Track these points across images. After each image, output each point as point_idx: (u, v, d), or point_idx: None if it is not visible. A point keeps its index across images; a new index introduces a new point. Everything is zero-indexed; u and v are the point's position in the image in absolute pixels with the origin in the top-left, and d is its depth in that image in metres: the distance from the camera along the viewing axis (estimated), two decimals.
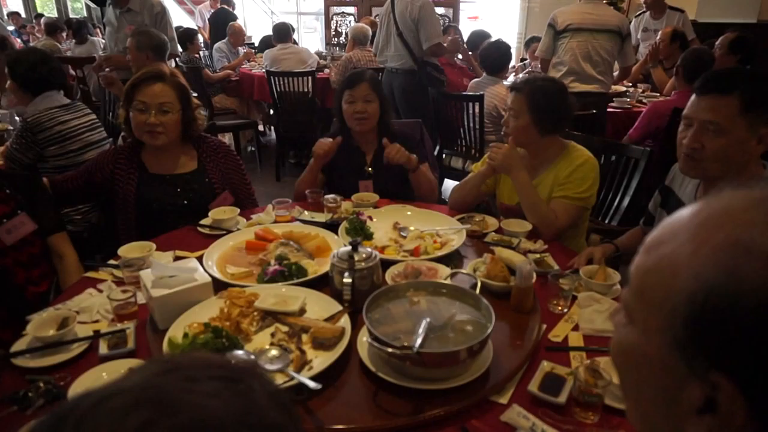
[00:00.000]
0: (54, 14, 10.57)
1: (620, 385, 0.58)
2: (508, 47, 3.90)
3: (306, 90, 4.73)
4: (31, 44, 7.24)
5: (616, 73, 3.90)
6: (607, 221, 2.42)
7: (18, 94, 2.67)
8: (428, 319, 1.18)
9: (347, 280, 1.31)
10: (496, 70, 3.85)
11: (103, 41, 6.25)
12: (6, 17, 9.38)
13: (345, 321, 1.27)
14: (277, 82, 4.69)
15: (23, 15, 10.28)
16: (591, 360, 1.16)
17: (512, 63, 4.92)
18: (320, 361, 1.16)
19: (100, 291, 1.53)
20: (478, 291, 1.28)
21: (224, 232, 1.85)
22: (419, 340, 1.09)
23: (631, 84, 4.65)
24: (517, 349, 1.28)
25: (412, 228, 1.80)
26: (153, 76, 2.01)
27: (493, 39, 4.72)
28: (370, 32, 5.35)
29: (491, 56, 3.86)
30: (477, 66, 4.76)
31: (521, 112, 1.90)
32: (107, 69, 3.73)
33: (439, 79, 4.07)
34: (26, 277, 1.73)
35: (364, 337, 1.19)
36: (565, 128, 1.98)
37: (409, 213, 1.94)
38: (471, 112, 3.57)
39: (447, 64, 4.53)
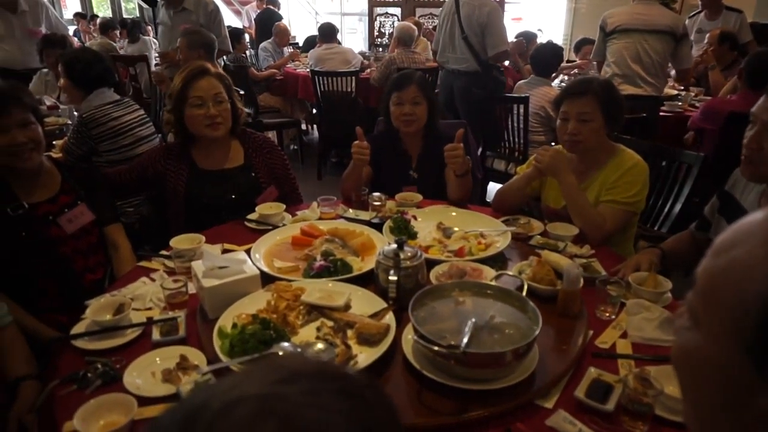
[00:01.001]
0: (109, 14, 10.99)
1: (680, 391, 0.57)
2: (560, 49, 3.87)
3: (349, 90, 4.77)
4: (87, 43, 7.54)
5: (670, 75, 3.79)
6: (656, 228, 2.35)
7: (71, 91, 2.78)
8: (474, 320, 1.17)
9: (393, 278, 1.32)
10: (545, 72, 3.81)
11: (155, 40, 6.47)
12: (71, 18, 9.81)
13: (390, 318, 1.28)
14: (321, 82, 4.75)
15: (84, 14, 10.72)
16: (641, 368, 1.14)
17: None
18: (365, 356, 1.17)
19: (153, 280, 1.59)
20: (524, 293, 1.26)
21: (270, 227, 1.89)
22: (465, 340, 1.09)
23: (683, 87, 4.50)
24: (562, 353, 1.26)
25: (456, 229, 1.80)
26: (200, 72, 2.06)
27: (542, 41, 4.66)
28: (415, 32, 5.36)
29: (543, 58, 3.81)
30: (523, 67, 4.70)
31: (595, 114, 1.84)
32: (162, 66, 3.86)
33: (502, 81, 4.05)
34: (84, 264, 1.81)
35: (409, 335, 1.20)
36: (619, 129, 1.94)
37: (453, 214, 1.93)
38: (516, 113, 3.53)
39: None
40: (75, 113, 3.40)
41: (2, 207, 1.67)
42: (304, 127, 6.33)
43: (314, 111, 6.00)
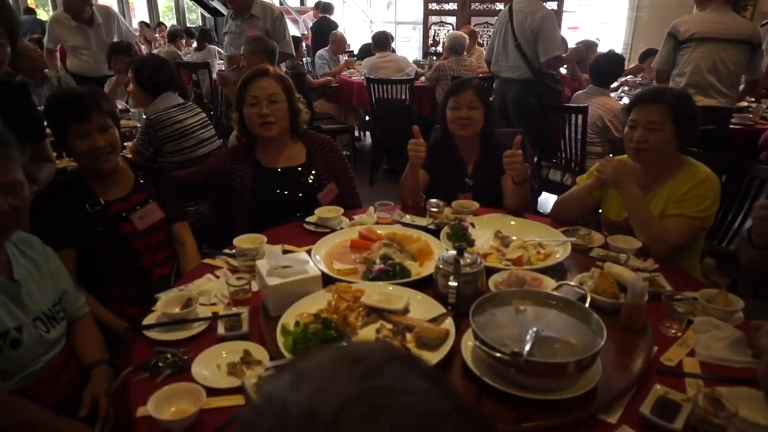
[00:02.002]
0: (173, 23, 11.51)
1: None
2: (621, 59, 3.77)
3: (403, 97, 4.81)
4: (154, 50, 7.91)
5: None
6: (724, 244, 2.25)
7: (139, 95, 2.94)
8: (535, 329, 1.16)
9: (453, 283, 1.33)
10: (605, 82, 3.72)
11: (219, 49, 6.72)
12: (136, 26, 10.34)
13: (449, 323, 1.28)
14: (376, 89, 4.81)
15: (148, 23, 11.28)
16: (711, 389, 1.09)
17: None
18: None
19: (217, 277, 1.65)
20: (587, 305, 1.24)
21: (328, 230, 1.93)
22: (527, 348, 1.08)
23: (753, 99, 4.29)
24: (625, 368, 1.23)
25: (514, 237, 1.78)
26: (259, 73, 2.17)
27: (602, 50, 4.56)
28: (466, 41, 5.36)
29: (602, 67, 3.73)
30: (581, 76, 4.61)
31: (665, 124, 1.78)
32: (228, 69, 4.00)
33: (556, 89, 3.99)
34: (152, 260, 1.90)
35: (469, 341, 1.20)
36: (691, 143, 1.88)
37: (512, 223, 1.92)
38: (573, 123, 3.47)
39: None
40: (143, 116, 3.59)
41: (82, 203, 1.78)
42: (356, 133, 6.41)
43: (367, 118, 6.08)
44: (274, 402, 0.40)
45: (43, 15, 10.39)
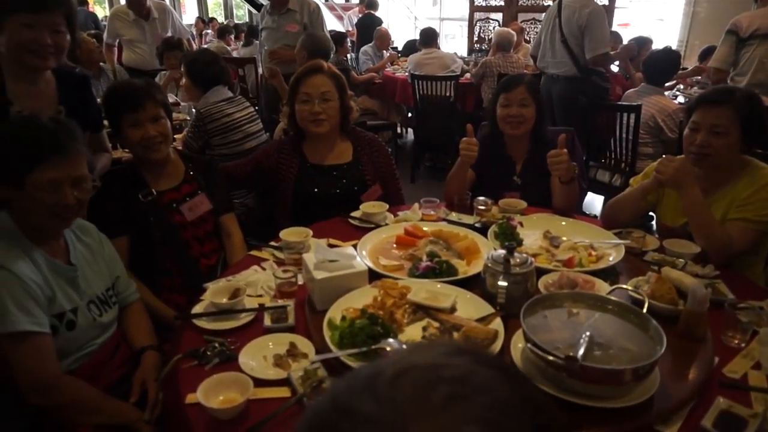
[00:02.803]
0: (222, 19, 11.77)
1: None
2: (677, 56, 3.61)
3: (448, 94, 4.77)
4: (204, 45, 8.10)
5: None
6: None
7: (190, 89, 3.00)
8: (588, 333, 1.12)
9: (503, 283, 1.30)
10: (659, 80, 3.58)
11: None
12: (192, 22, 10.64)
13: (497, 324, 1.25)
14: (420, 86, 4.78)
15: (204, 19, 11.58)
16: None
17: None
18: None
19: (263, 269, 1.66)
20: (645, 310, 1.19)
21: (373, 225, 1.92)
22: (581, 352, 1.04)
23: None
24: (684, 378, 1.17)
25: (564, 238, 1.73)
26: (313, 69, 2.16)
27: (656, 47, 4.39)
28: (513, 38, 5.26)
29: (657, 64, 3.59)
30: (634, 74, 4.45)
31: (731, 128, 1.69)
32: (272, 62, 4.04)
33: (603, 87, 3.87)
34: (200, 250, 1.94)
35: (519, 343, 1.17)
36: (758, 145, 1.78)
37: (563, 223, 1.86)
38: (625, 122, 3.35)
39: None
40: (193, 110, 3.66)
41: (135, 192, 1.83)
42: (398, 130, 6.39)
43: (409, 115, 6.05)
44: (353, 371, 0.45)
45: (100, 12, 10.79)
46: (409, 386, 0.39)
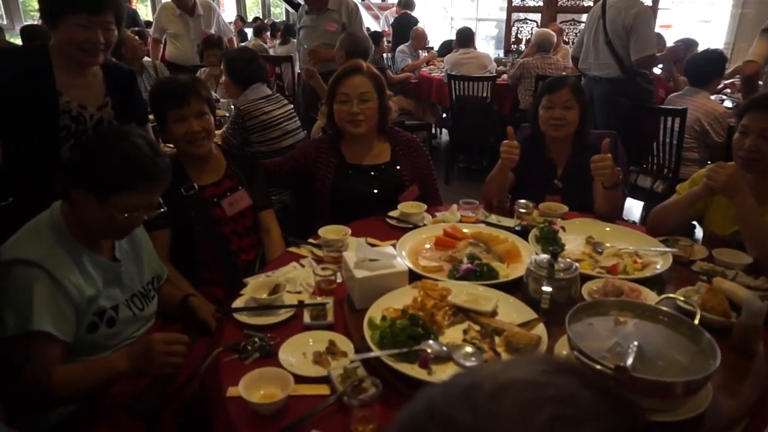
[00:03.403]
0: (259, 17, 11.92)
1: None
2: (721, 57, 3.48)
3: (484, 95, 4.72)
4: (242, 44, 8.22)
5: None
6: None
7: (230, 86, 3.04)
8: (636, 342, 1.09)
9: (546, 288, 1.27)
10: (702, 82, 3.46)
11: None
12: (232, 20, 10.83)
13: (540, 330, 1.23)
14: (456, 86, 4.74)
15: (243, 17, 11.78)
16: None
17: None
18: None
19: (302, 266, 1.67)
20: (696, 322, 1.15)
21: (411, 225, 1.91)
22: (630, 362, 1.01)
23: None
24: (737, 395, 1.13)
25: (608, 244, 1.69)
26: (352, 69, 2.16)
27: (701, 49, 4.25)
28: (554, 39, 5.17)
29: (699, 66, 3.48)
30: (678, 77, 4.32)
31: None
32: (310, 62, 4.06)
33: (647, 90, 3.76)
34: (239, 245, 1.96)
35: (563, 350, 1.14)
36: None
37: (607, 229, 1.82)
38: (669, 126, 3.25)
39: None
40: (232, 107, 3.71)
41: (177, 186, 1.86)
42: (433, 130, 6.36)
43: (444, 115, 6.02)
44: (449, 379, 0.44)
45: (142, 10, 11.06)
46: (510, 403, 0.38)
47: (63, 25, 1.69)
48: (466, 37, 5.38)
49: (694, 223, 2.02)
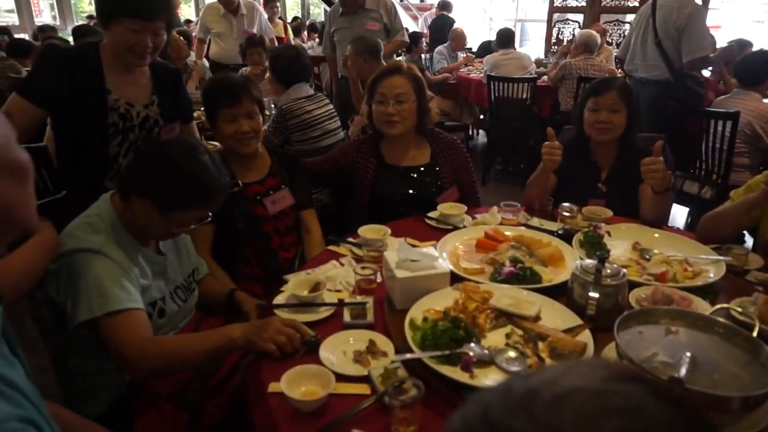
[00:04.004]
0: (298, 17, 12.06)
1: None
2: None
3: (524, 96, 4.65)
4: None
5: None
6: None
7: (273, 85, 3.07)
8: (689, 353, 1.04)
9: (593, 294, 1.24)
10: (753, 83, 3.32)
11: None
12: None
13: (585, 336, 1.20)
14: (495, 87, 4.69)
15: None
16: None
17: None
18: None
19: (342, 264, 1.68)
20: (755, 334, 1.10)
21: (450, 227, 1.89)
22: (683, 372, 0.97)
23: None
24: None
25: (655, 251, 1.64)
26: (391, 70, 2.15)
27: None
28: (598, 40, 5.06)
29: (750, 66, 3.33)
30: (729, 79, 4.16)
31: None
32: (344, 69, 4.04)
33: (697, 93, 3.63)
34: (279, 243, 1.98)
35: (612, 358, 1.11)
36: None
37: (656, 235, 1.76)
38: (719, 130, 3.13)
39: None
40: (272, 105, 3.76)
41: None
42: (470, 132, 6.32)
43: (482, 116, 5.96)
44: (504, 384, 0.42)
45: (185, 10, 11.34)
46: (571, 413, 0.36)
47: (115, 27, 1.74)
48: (506, 38, 5.31)
49: (744, 231, 1.94)
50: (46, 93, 1.74)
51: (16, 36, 5.96)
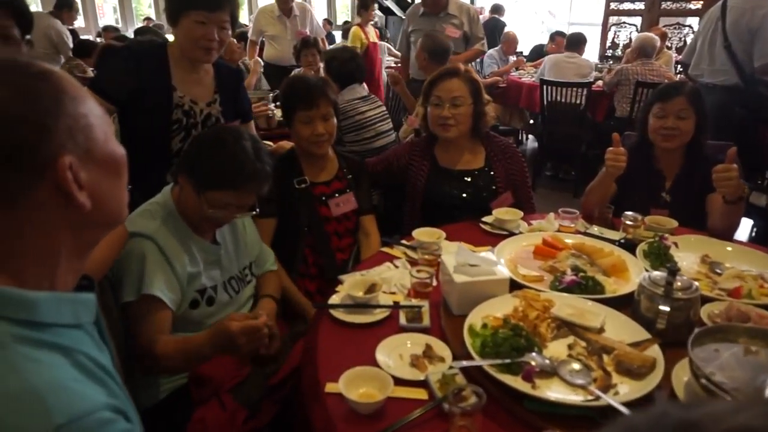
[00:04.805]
0: (348, 20, 12.18)
1: None
2: None
3: (578, 102, 4.54)
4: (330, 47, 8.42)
5: None
6: None
7: None
8: None
9: (664, 308, 1.18)
10: None
11: (389, 45, 6.95)
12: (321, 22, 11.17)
13: (654, 351, 1.14)
14: (548, 91, 4.59)
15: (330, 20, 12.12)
16: None
17: None
18: (628, 388, 1.06)
19: (396, 266, 1.66)
20: None
21: (506, 232, 1.85)
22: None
23: None
24: None
25: (727, 265, 1.55)
26: (448, 73, 2.13)
27: None
28: (657, 44, 4.87)
29: None
30: None
31: None
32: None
33: None
34: (337, 244, 2.00)
35: (684, 377, 1.06)
36: None
37: (729, 249, 1.67)
38: None
39: None
40: None
41: (290, 178, 1.92)
42: (520, 136, 6.21)
43: (531, 121, 5.85)
44: (656, 411, 0.38)
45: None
46: None
47: (183, 22, 1.79)
48: (576, 41, 5.17)
49: None
50: (117, 87, 1.81)
51: (82, 37, 6.25)
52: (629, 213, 1.76)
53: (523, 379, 1.08)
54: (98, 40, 6.81)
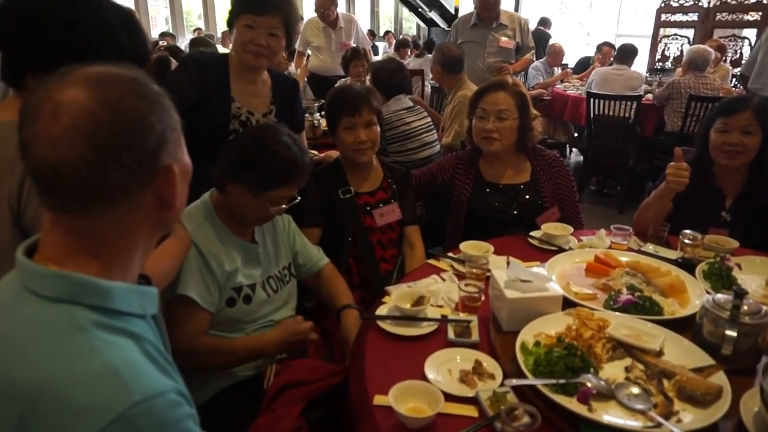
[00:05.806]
0: (390, 31, 12.29)
1: None
2: None
3: (627, 115, 4.42)
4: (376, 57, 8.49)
5: None
6: None
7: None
8: None
9: (730, 333, 1.13)
10: None
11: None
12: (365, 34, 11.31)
13: (720, 378, 1.09)
14: (596, 105, 4.49)
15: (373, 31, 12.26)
16: None
17: None
18: (691, 416, 1.01)
19: (443, 279, 1.65)
20: None
21: (555, 248, 1.81)
22: None
23: None
24: None
25: None
26: (494, 85, 2.10)
27: None
28: (711, 56, 4.71)
29: None
30: None
31: None
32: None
33: None
34: (381, 255, 1.99)
35: (754, 407, 1.00)
36: None
37: None
38: None
39: None
40: None
41: (335, 188, 1.94)
42: (564, 150, 6.10)
43: (576, 134, 5.74)
44: None
45: None
46: None
47: (236, 27, 1.84)
48: (627, 53, 5.05)
49: None
50: (180, 97, 1.86)
51: None
52: (688, 231, 1.69)
53: (578, 401, 1.05)
54: (161, 42, 7.15)
